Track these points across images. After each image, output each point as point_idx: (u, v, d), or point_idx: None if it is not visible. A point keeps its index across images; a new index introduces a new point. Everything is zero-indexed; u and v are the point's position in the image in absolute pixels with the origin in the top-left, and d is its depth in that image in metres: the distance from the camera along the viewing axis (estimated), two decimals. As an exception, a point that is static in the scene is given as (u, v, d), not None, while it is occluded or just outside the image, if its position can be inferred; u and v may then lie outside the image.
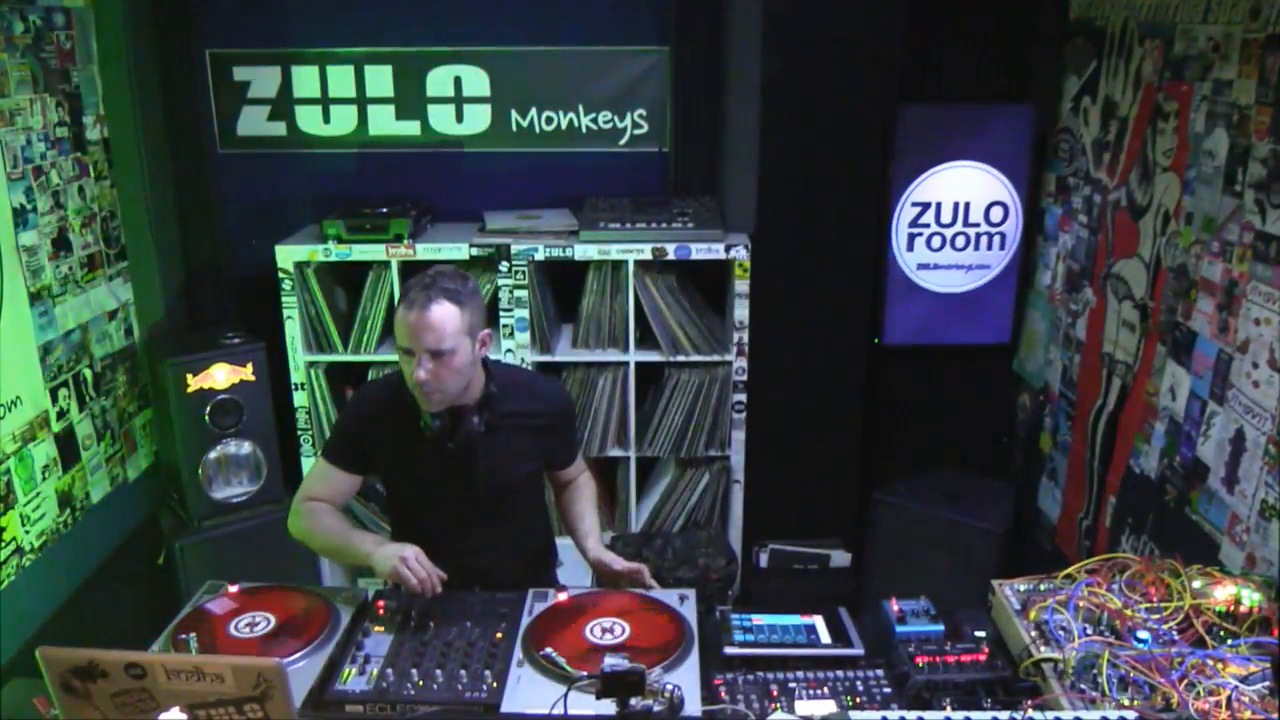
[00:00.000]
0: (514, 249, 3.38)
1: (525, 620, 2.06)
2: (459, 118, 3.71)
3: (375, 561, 2.10)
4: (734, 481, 3.62)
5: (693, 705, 1.75)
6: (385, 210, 3.44)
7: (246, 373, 3.35)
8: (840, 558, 3.77)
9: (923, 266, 3.58)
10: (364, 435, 2.27)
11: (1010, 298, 3.63)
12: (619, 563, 2.28)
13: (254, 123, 3.70)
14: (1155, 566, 2.03)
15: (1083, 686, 1.75)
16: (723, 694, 1.83)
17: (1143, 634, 1.84)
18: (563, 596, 2.17)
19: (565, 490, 2.52)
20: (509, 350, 3.45)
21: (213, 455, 3.36)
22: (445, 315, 2.04)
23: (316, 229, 3.44)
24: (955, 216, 3.53)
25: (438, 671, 1.87)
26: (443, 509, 2.31)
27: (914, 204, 3.51)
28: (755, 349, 3.48)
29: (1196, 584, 1.97)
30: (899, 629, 1.98)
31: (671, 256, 3.38)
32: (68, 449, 3.04)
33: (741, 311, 3.43)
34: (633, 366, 3.51)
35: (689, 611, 2.09)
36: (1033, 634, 1.90)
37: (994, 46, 3.49)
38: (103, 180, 3.31)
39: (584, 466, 2.55)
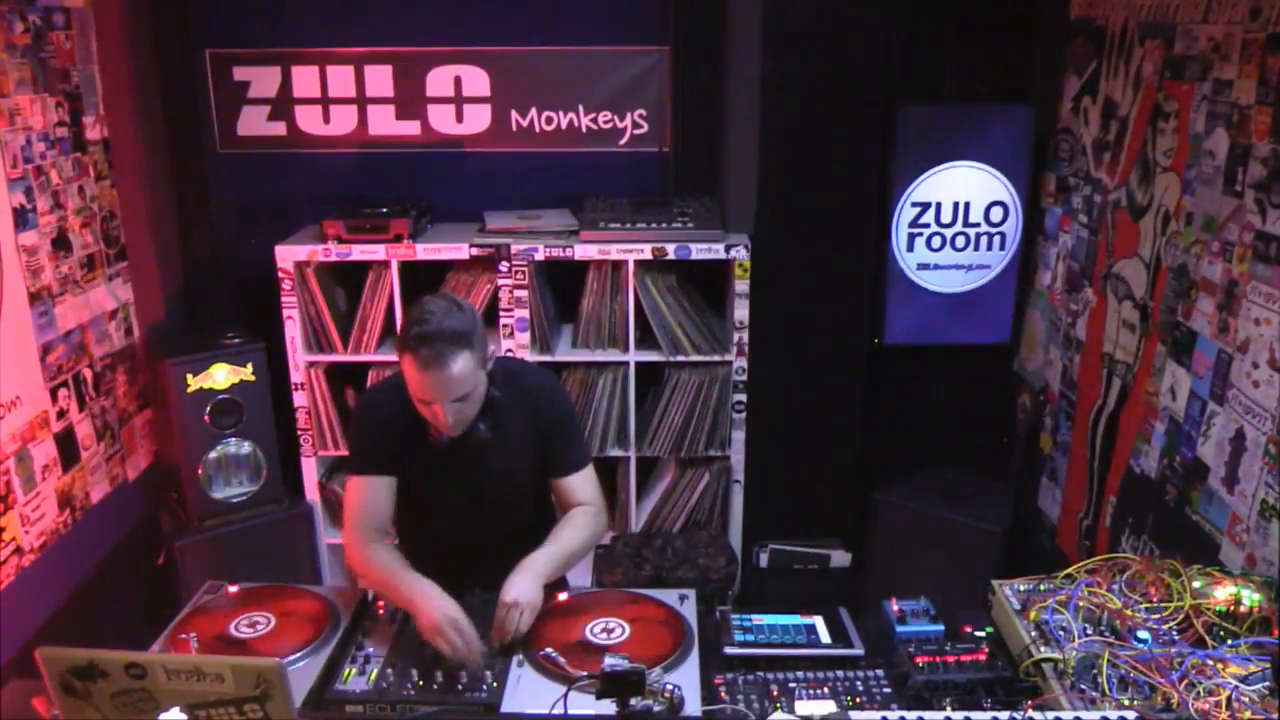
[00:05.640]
0: (514, 249, 3.38)
1: (525, 620, 2.06)
2: (459, 118, 3.71)
3: (415, 616, 1.97)
4: (734, 481, 3.62)
5: (693, 705, 1.75)
6: (385, 210, 3.44)
7: (246, 373, 3.35)
8: (840, 558, 3.77)
9: (923, 266, 3.58)
10: (382, 435, 2.23)
11: (1010, 298, 3.62)
12: (504, 600, 1.98)
13: (254, 123, 3.70)
14: (1155, 566, 2.03)
15: (1083, 686, 1.75)
16: (723, 694, 1.83)
17: (1143, 634, 1.84)
18: (563, 596, 2.17)
19: (564, 514, 2.28)
20: (509, 350, 3.45)
21: (213, 455, 3.36)
22: (462, 365, 2.00)
23: (316, 229, 3.44)
24: (955, 216, 3.53)
25: (438, 671, 1.87)
26: (450, 512, 2.30)
27: (914, 204, 3.51)
28: (755, 349, 3.48)
29: (1196, 584, 1.97)
30: (899, 629, 1.98)
31: (671, 256, 3.38)
32: (68, 449, 3.04)
33: (741, 311, 3.43)
34: (633, 366, 3.51)
35: (689, 611, 2.09)
36: (1033, 634, 1.90)
37: (994, 46, 3.49)
38: (103, 180, 3.31)
39: (594, 501, 2.28)
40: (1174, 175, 2.64)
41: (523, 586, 2.00)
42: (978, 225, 3.54)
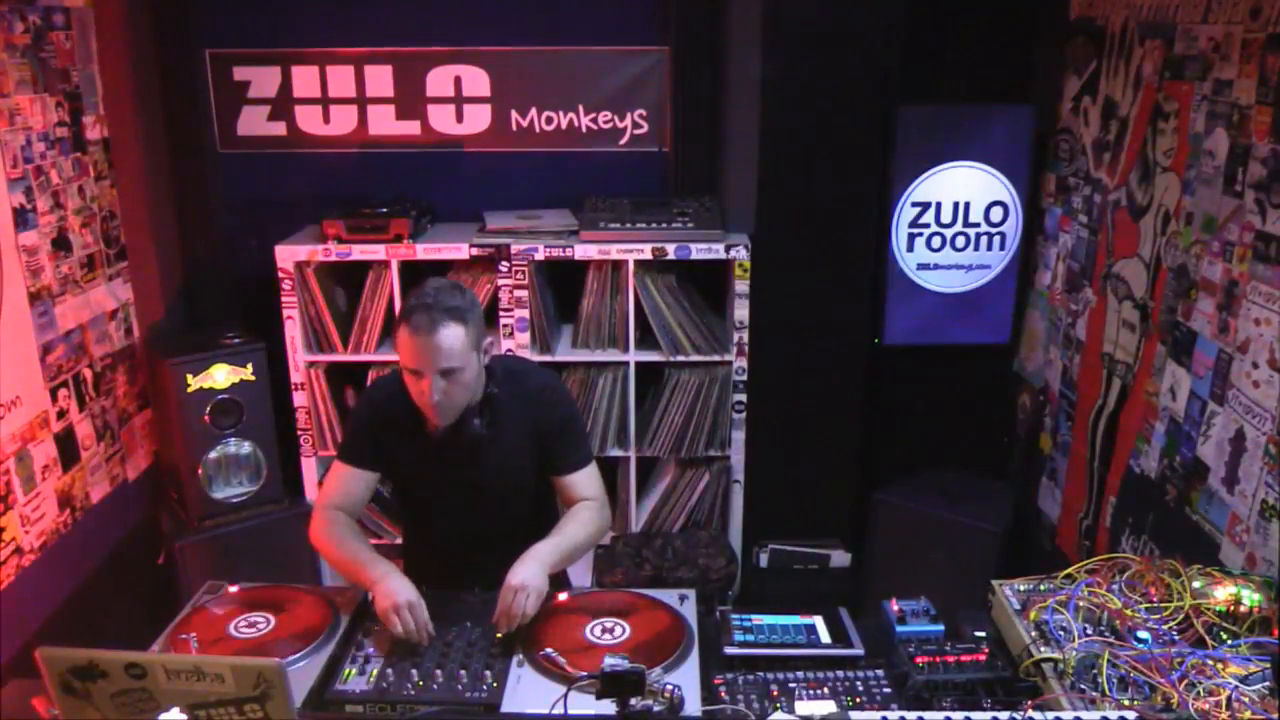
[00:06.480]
0: (514, 249, 3.38)
1: (525, 620, 2.06)
2: (459, 118, 3.71)
3: (375, 595, 2.02)
4: (734, 481, 3.62)
5: (693, 705, 1.75)
6: (385, 210, 3.44)
7: (246, 373, 3.35)
8: (840, 558, 3.77)
9: (923, 266, 3.58)
10: (376, 430, 2.25)
11: (1010, 298, 3.62)
12: (510, 583, 2.00)
13: (254, 123, 3.70)
14: (1155, 566, 2.03)
15: (1083, 686, 1.75)
16: (723, 694, 1.83)
17: (1143, 634, 1.84)
18: (563, 596, 2.17)
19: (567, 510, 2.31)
20: (509, 350, 3.45)
21: (213, 455, 3.35)
22: (453, 336, 2.03)
23: (316, 229, 3.44)
24: (955, 216, 3.53)
25: (438, 671, 1.87)
26: (448, 508, 2.31)
27: (914, 204, 3.51)
28: (755, 349, 3.48)
29: (1196, 584, 1.97)
30: (899, 629, 1.98)
31: (671, 256, 3.38)
32: (68, 449, 3.04)
33: (741, 311, 3.43)
34: (633, 366, 3.51)
35: (689, 611, 2.09)
36: (1033, 634, 1.90)
37: (994, 46, 3.49)
38: (103, 180, 3.31)
39: (598, 496, 2.30)
40: (1174, 175, 2.64)
41: (528, 572, 2.02)
42: (978, 225, 3.54)
